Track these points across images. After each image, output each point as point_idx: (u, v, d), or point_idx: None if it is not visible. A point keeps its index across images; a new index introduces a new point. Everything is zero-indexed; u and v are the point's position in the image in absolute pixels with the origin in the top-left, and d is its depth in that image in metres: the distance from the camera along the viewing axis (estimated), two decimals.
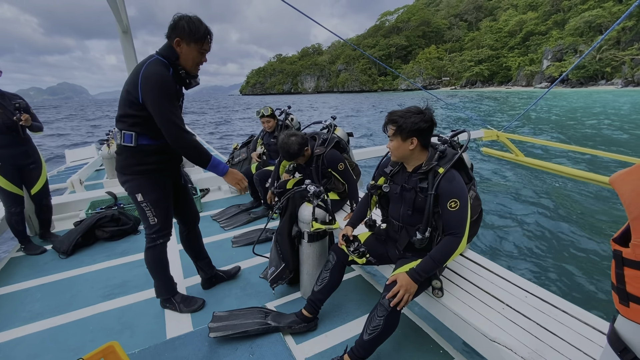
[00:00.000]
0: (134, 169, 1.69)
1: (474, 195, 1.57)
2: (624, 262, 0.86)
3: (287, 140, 2.38)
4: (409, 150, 1.52)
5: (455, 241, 1.43)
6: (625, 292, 0.87)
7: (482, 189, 6.45)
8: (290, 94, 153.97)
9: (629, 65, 54.63)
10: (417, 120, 1.46)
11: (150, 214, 1.78)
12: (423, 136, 1.49)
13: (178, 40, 1.57)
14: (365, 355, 1.50)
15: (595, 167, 7.56)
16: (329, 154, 2.50)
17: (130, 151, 1.67)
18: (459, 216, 1.43)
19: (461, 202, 1.43)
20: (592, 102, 29.75)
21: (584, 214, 5.07)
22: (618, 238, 0.90)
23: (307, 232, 1.95)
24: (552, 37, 71.04)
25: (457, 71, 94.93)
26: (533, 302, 1.54)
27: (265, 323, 1.80)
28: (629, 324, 0.90)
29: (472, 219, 1.52)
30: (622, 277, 0.87)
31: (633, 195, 0.82)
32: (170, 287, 2.02)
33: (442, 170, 1.47)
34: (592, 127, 14.59)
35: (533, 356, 1.24)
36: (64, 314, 2.02)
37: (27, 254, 2.72)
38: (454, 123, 17.52)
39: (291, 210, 2.04)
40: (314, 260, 2.04)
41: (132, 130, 1.62)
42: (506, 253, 4.01)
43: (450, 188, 1.44)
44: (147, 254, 1.88)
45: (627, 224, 0.88)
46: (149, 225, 1.81)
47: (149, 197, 1.75)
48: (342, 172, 2.52)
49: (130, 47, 3.40)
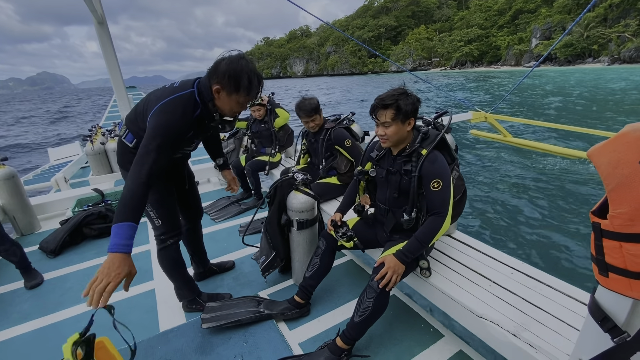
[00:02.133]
0: None
1: (457, 175, 1.58)
2: (602, 233, 0.87)
3: (305, 99, 2.54)
4: (406, 132, 1.51)
5: (439, 220, 1.45)
6: (604, 262, 0.88)
7: (470, 170, 6.52)
8: (279, 78, 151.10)
9: (616, 42, 54.81)
10: (413, 100, 1.46)
11: (153, 216, 1.67)
12: (416, 115, 1.51)
13: (218, 88, 1.35)
14: (356, 336, 1.53)
15: (583, 143, 7.68)
16: (337, 130, 2.56)
17: (127, 149, 1.58)
18: (442, 196, 1.45)
19: (444, 182, 1.45)
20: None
21: (567, 189, 5.18)
22: (596, 210, 0.91)
23: (297, 220, 1.94)
24: (540, 15, 70.60)
25: (447, 52, 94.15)
26: (519, 278, 1.57)
27: (258, 311, 1.81)
28: (608, 293, 0.92)
29: (456, 199, 1.53)
30: (601, 249, 0.89)
31: (609, 168, 0.83)
32: (192, 286, 1.93)
33: (425, 152, 1.48)
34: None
35: (518, 329, 1.27)
36: (54, 313, 2.00)
37: (27, 289, 2.27)
38: (441, 105, 17.51)
39: (279, 198, 2.03)
40: (305, 247, 2.04)
41: (137, 136, 1.52)
42: (493, 232, 4.09)
43: (432, 169, 1.45)
44: (160, 257, 1.77)
45: (605, 196, 0.89)
46: (155, 227, 1.71)
47: (150, 199, 1.63)
48: (349, 148, 2.55)
49: (107, 38, 3.26)
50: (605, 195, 0.89)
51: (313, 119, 2.58)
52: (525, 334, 1.25)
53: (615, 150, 0.81)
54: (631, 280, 0.84)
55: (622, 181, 0.80)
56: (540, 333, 1.25)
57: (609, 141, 0.83)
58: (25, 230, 3.04)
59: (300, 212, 1.93)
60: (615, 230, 0.83)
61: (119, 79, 3.35)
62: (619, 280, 0.86)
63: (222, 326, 1.74)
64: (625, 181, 0.79)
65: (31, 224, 3.07)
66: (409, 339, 1.67)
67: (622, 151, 0.80)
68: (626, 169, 0.79)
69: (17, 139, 15.30)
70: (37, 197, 3.47)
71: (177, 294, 1.94)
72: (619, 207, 0.82)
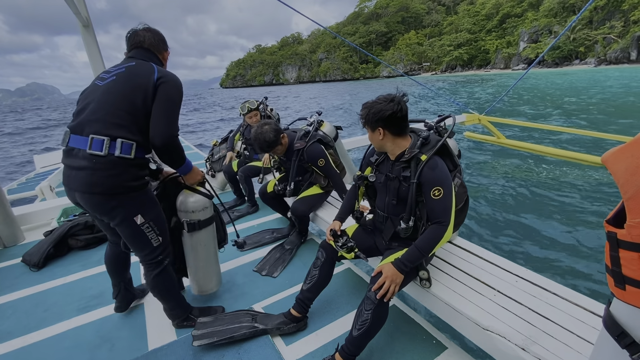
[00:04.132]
0: (129, 185, 1.42)
1: (459, 182, 1.52)
2: (619, 243, 0.82)
3: (261, 130, 2.30)
4: (380, 140, 1.50)
5: (441, 230, 1.39)
6: (621, 274, 0.83)
7: (469, 174, 6.52)
8: (271, 85, 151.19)
9: (602, 44, 56.22)
10: (379, 109, 1.42)
11: (153, 235, 1.53)
12: (390, 125, 1.44)
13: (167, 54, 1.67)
14: (356, 352, 1.45)
15: (578, 147, 7.76)
16: (309, 149, 2.40)
17: (124, 165, 1.39)
18: (444, 204, 1.39)
19: (445, 189, 1.39)
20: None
21: (566, 193, 5.18)
22: (611, 219, 0.85)
23: (186, 222, 1.74)
24: (527, 18, 72.13)
25: (437, 56, 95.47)
26: (524, 286, 1.52)
27: (253, 326, 1.72)
28: (625, 307, 0.86)
29: (458, 207, 1.48)
30: (618, 260, 0.83)
31: (627, 174, 0.78)
32: (184, 303, 1.82)
33: (425, 158, 1.42)
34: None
35: (527, 342, 1.22)
36: (37, 331, 1.88)
37: None
38: (436, 107, 17.65)
39: (168, 199, 1.79)
40: (199, 251, 1.85)
41: (134, 140, 1.40)
42: (494, 238, 4.05)
43: (433, 176, 1.40)
44: (156, 282, 1.63)
45: (620, 204, 0.84)
46: (152, 249, 1.56)
47: (151, 215, 1.52)
48: (322, 167, 2.43)
49: (92, 42, 3.16)
50: (621, 202, 0.84)
51: (275, 150, 2.41)
52: (535, 348, 1.19)
53: (634, 156, 0.76)
54: None
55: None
56: (550, 346, 1.19)
57: (626, 146, 0.78)
58: (8, 242, 2.90)
59: (190, 212, 1.74)
60: (634, 241, 0.78)
61: None
62: (637, 294, 0.80)
63: (214, 343, 1.64)
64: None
65: (14, 235, 2.93)
66: (412, 352, 1.60)
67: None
68: None
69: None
70: (21, 207, 3.33)
71: (170, 315, 1.80)
72: (638, 216, 0.76)
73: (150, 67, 1.47)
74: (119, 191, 1.40)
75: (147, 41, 1.58)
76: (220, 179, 3.85)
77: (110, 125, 1.37)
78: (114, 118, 1.38)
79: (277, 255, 2.49)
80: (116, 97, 1.40)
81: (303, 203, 2.47)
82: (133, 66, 1.47)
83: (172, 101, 1.46)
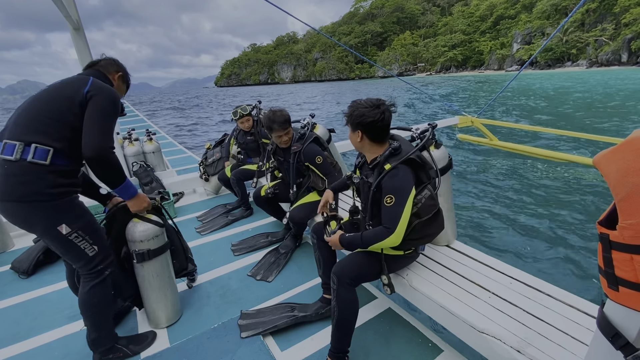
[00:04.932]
0: (45, 192, 1.32)
1: (427, 194, 1.50)
2: (611, 245, 0.82)
3: (274, 111, 2.38)
4: (358, 142, 1.54)
5: (385, 233, 1.43)
6: (614, 276, 0.82)
7: (462, 176, 6.54)
8: (267, 84, 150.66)
9: (593, 46, 56.95)
10: (361, 113, 1.44)
11: (86, 245, 1.44)
12: (370, 131, 1.48)
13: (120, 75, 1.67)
14: (341, 346, 1.48)
15: (568, 148, 7.82)
16: (306, 148, 2.40)
17: (38, 171, 1.31)
18: (392, 212, 1.42)
19: (396, 198, 1.41)
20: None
21: (560, 195, 5.21)
22: (604, 220, 0.85)
23: (135, 252, 1.67)
24: (521, 20, 72.83)
25: (431, 57, 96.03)
26: (518, 288, 1.52)
27: (293, 315, 1.82)
28: (619, 308, 0.86)
29: (423, 219, 1.47)
30: (610, 261, 0.83)
31: (619, 176, 0.78)
32: (113, 331, 1.67)
33: (389, 167, 1.46)
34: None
35: (522, 345, 1.21)
36: (26, 340, 1.84)
37: None
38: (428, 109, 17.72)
39: (117, 227, 1.71)
40: (152, 282, 1.75)
41: (52, 146, 1.33)
42: (488, 240, 4.06)
43: (389, 184, 1.44)
44: (92, 294, 1.49)
45: (612, 205, 0.84)
46: (88, 260, 1.46)
47: (78, 224, 1.42)
48: (319, 165, 2.41)
49: (83, 45, 3.12)
50: (613, 204, 0.84)
51: (287, 132, 2.42)
52: (530, 350, 1.18)
53: (625, 158, 0.76)
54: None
55: (632, 190, 0.75)
56: (545, 348, 1.19)
57: (617, 147, 0.78)
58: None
59: (138, 242, 1.66)
60: (626, 242, 0.78)
61: None
62: (630, 295, 0.80)
63: (260, 333, 1.75)
64: (636, 190, 0.74)
65: (3, 241, 2.87)
66: (408, 355, 1.59)
67: (632, 159, 0.75)
68: (637, 178, 0.74)
69: None
70: None
71: (93, 341, 1.58)
72: (630, 218, 0.76)
73: (84, 79, 1.45)
74: (33, 199, 1.31)
75: (101, 63, 1.64)
76: (214, 182, 3.83)
77: (28, 130, 1.33)
78: (35, 123, 1.34)
79: (272, 260, 2.47)
80: (41, 103, 1.39)
81: (302, 210, 2.45)
82: (69, 78, 1.49)
83: (103, 112, 1.41)
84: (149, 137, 4.51)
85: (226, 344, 1.71)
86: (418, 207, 1.46)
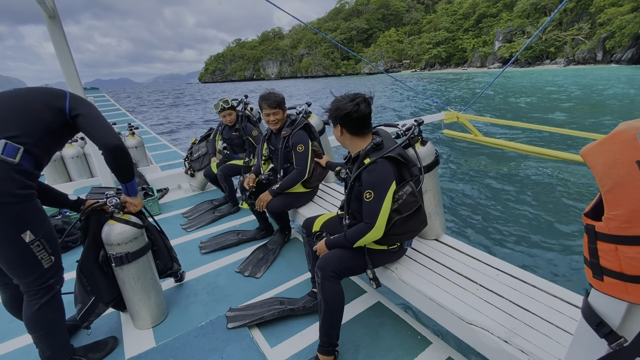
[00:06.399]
0: (15, 193, 1.22)
1: (409, 190, 1.49)
2: (597, 236, 0.84)
3: (270, 91, 2.41)
4: (339, 136, 1.55)
5: (365, 229, 1.45)
6: (599, 266, 0.84)
7: (446, 171, 6.65)
8: (252, 80, 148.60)
9: (570, 45, 58.85)
10: (337, 106, 1.46)
11: (44, 255, 1.32)
12: (347, 123, 1.49)
13: None
14: (329, 340, 1.49)
15: (547, 144, 8.08)
16: (295, 134, 2.37)
17: (7, 169, 1.21)
18: (371, 207, 1.44)
19: (375, 194, 1.42)
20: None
21: (543, 188, 5.39)
22: (590, 212, 0.87)
23: (113, 255, 1.60)
24: (502, 19, 74.37)
25: (416, 54, 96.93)
26: (504, 279, 1.55)
27: (280, 308, 1.83)
28: (603, 297, 0.88)
29: (403, 215, 1.47)
30: (596, 252, 0.85)
31: (605, 168, 0.79)
32: (68, 343, 1.55)
33: (368, 161, 1.45)
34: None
35: (509, 335, 1.24)
36: (4, 343, 1.77)
37: None
38: (414, 105, 17.93)
39: (93, 230, 1.64)
40: (133, 285, 1.71)
41: (22, 142, 1.25)
42: (473, 233, 4.15)
43: (368, 179, 1.45)
44: (43, 314, 1.36)
45: (598, 196, 0.85)
46: (41, 272, 1.33)
47: (42, 230, 1.31)
48: (298, 153, 2.36)
49: (60, 34, 2.96)
50: (598, 196, 0.85)
51: (275, 113, 2.38)
52: (517, 340, 1.21)
53: (611, 150, 0.77)
54: (627, 284, 0.80)
55: (618, 182, 0.76)
56: (531, 338, 1.21)
57: (604, 140, 0.80)
58: None
59: (116, 245, 1.59)
60: (611, 233, 0.80)
61: (76, 80, 3.06)
62: (614, 284, 0.83)
63: (246, 325, 1.76)
64: (622, 182, 0.76)
65: None
66: (397, 348, 1.61)
67: (618, 150, 0.76)
68: (622, 169, 0.75)
69: None
70: None
71: (48, 358, 1.47)
72: (615, 209, 0.78)
73: (63, 91, 1.47)
74: (1, 200, 1.20)
75: None
76: (199, 178, 3.75)
77: (0, 124, 1.26)
78: (7, 116, 1.28)
79: (260, 256, 2.44)
80: (19, 98, 1.34)
81: (278, 199, 2.40)
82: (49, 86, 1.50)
83: (100, 114, 1.48)
84: (131, 132, 4.36)
85: (214, 341, 1.68)
86: (399, 203, 1.45)
